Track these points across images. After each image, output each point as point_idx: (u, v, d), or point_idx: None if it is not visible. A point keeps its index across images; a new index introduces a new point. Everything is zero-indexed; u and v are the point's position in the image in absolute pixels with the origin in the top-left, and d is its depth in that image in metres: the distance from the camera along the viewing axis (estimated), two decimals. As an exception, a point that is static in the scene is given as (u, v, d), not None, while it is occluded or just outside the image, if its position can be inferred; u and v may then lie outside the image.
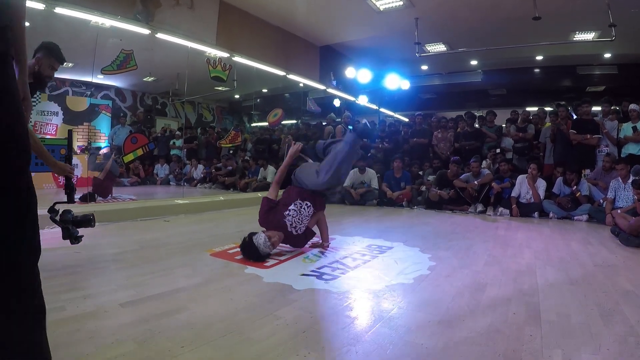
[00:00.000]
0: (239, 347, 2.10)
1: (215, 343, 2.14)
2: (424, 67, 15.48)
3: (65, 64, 3.82)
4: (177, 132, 15.65)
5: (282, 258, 4.01)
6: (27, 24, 1.57)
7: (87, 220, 3.45)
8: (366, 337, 2.22)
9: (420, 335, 2.23)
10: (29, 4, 6.04)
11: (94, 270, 3.62)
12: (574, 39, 11.35)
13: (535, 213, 7.70)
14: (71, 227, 3.36)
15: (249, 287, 3.13)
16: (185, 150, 14.00)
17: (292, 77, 11.78)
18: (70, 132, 3.86)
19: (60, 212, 3.34)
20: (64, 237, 3.34)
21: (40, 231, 4.47)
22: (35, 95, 4.17)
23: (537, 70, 15.15)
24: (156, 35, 8.13)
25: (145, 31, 7.98)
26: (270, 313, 2.57)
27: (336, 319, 2.49)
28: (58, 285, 3.06)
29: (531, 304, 2.73)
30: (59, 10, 6.70)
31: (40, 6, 6.43)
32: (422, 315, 2.53)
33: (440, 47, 12.67)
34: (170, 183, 13.45)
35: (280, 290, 3.05)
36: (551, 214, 7.55)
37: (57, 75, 12.22)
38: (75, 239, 3.40)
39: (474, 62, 14.68)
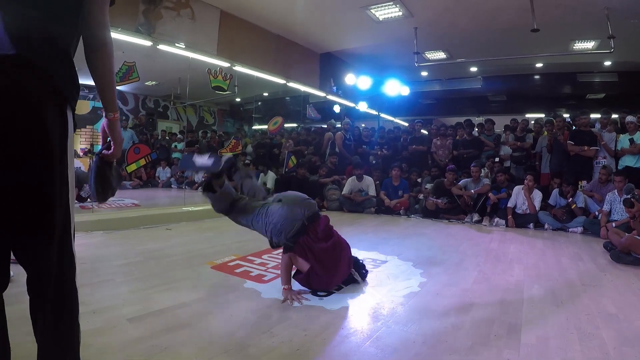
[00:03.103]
0: None
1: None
2: (424, 74, 15.57)
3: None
4: (179, 136, 15.76)
5: (280, 272, 4.13)
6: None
7: None
8: (354, 357, 2.36)
9: (403, 356, 2.37)
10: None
11: (100, 283, 3.74)
12: (574, 48, 11.46)
13: (531, 224, 7.76)
14: None
15: (248, 302, 3.27)
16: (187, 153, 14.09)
17: (293, 85, 11.89)
18: None
19: None
20: None
21: None
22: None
23: (537, 77, 15.23)
24: (158, 47, 8.25)
25: (148, 43, 8.10)
26: (267, 330, 2.71)
27: (328, 337, 2.62)
28: None
29: (513, 326, 2.83)
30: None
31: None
32: (408, 335, 2.66)
33: (440, 55, 12.79)
34: (172, 186, 13.53)
35: (277, 307, 3.18)
36: (546, 226, 7.62)
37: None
38: None
39: (473, 69, 14.77)
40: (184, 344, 2.45)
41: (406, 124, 15.51)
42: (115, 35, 7.49)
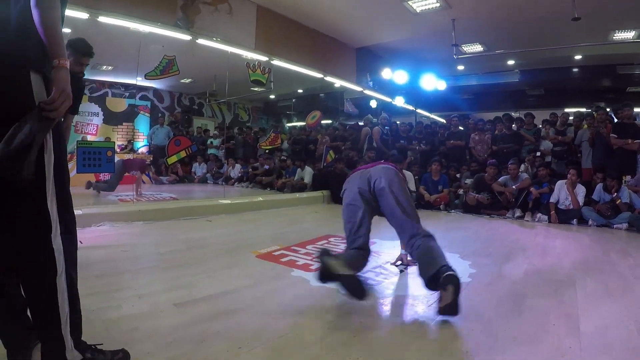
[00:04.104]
0: (294, 349, 2.21)
1: (271, 345, 2.25)
2: (460, 68, 15.42)
3: (105, 67, 4.05)
4: (215, 132, 15.93)
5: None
6: (69, 30, 1.64)
7: None
8: (414, 345, 2.32)
9: (464, 343, 2.33)
10: (73, 13, 6.33)
11: (144, 269, 3.80)
12: (614, 38, 11.18)
13: (574, 220, 7.56)
14: None
15: (298, 290, 3.26)
16: (224, 149, 14.22)
17: (329, 79, 11.92)
18: None
19: None
20: None
21: (88, 229, 4.61)
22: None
23: (575, 69, 14.89)
24: (197, 41, 8.38)
25: (187, 37, 8.24)
26: (321, 317, 2.69)
27: (385, 325, 2.60)
28: (111, 283, 3.23)
29: (570, 316, 2.78)
30: (102, 19, 7.00)
31: (84, 15, 6.71)
32: (466, 324, 2.61)
33: (477, 48, 12.62)
34: (208, 182, 13.73)
35: (328, 295, 3.16)
36: (590, 222, 7.38)
37: (97, 77, 12.51)
38: None
39: (511, 62, 14.58)
40: (236, 329, 2.43)
41: (443, 121, 15.35)
42: (154, 29, 7.63)
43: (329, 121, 16.07)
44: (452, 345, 2.32)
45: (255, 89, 12.63)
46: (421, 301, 3.07)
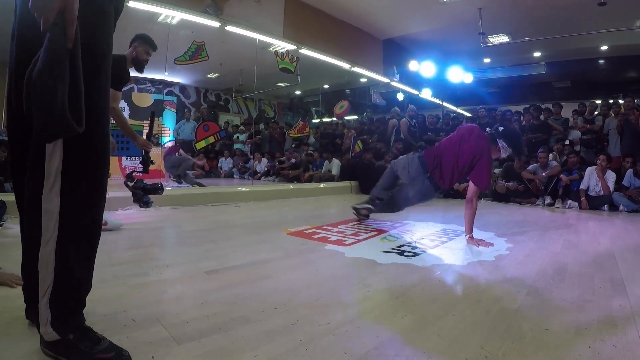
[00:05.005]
0: (334, 309, 2.16)
1: (309, 305, 2.20)
2: (487, 60, 15.25)
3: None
4: (241, 127, 16.02)
5: (360, 237, 4.11)
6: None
7: (155, 189, 3.98)
8: (460, 306, 2.27)
9: (510, 304, 2.27)
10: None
11: (173, 244, 3.88)
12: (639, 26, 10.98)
13: (605, 206, 7.46)
14: (141, 192, 3.96)
15: (332, 260, 3.22)
16: (251, 144, 14.26)
17: (357, 69, 11.88)
18: (152, 114, 4.35)
19: (135, 180, 3.96)
20: (134, 201, 3.96)
21: (115, 212, 4.77)
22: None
23: (601, 61, 14.63)
24: (226, 28, 8.39)
25: (215, 24, 8.25)
26: (359, 282, 2.65)
27: (426, 289, 2.54)
28: (137, 255, 3.23)
29: (615, 280, 2.74)
30: (132, 4, 6.99)
31: (113, -1, 6.70)
32: (510, 287, 2.58)
33: (504, 38, 12.47)
34: (234, 176, 13.78)
35: (365, 264, 3.12)
36: (621, 207, 7.31)
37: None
38: (144, 203, 3.97)
39: (537, 54, 14.38)
40: (268, 293, 2.37)
41: (469, 115, 15.20)
42: (183, 15, 7.68)
43: (355, 116, 16.07)
44: (499, 305, 2.27)
45: (281, 84, 12.68)
46: (461, 270, 3.04)
